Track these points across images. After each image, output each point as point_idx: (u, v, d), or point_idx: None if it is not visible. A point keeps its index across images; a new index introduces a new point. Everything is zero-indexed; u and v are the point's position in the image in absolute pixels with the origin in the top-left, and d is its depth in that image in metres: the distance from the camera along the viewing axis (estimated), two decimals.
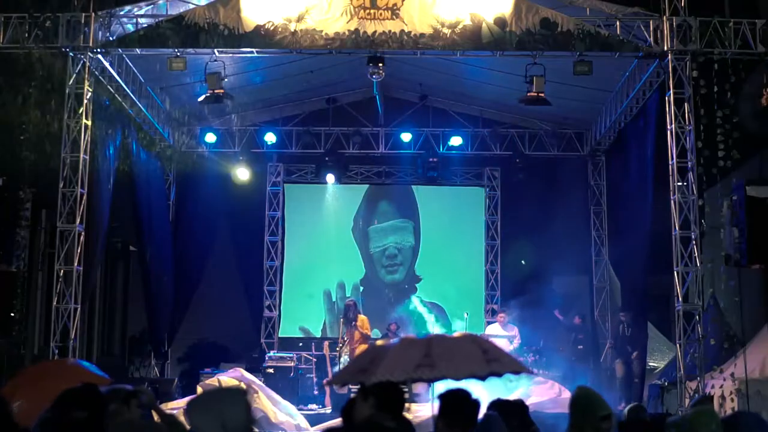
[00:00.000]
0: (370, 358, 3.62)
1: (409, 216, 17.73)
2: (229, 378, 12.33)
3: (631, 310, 14.01)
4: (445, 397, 3.89)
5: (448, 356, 3.53)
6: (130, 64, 13.26)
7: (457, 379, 3.56)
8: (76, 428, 2.80)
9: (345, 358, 13.63)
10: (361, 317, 14.05)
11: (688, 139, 11.74)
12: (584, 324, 15.43)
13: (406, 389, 3.67)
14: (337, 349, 14.06)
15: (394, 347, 3.65)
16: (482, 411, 4.15)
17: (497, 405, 5.25)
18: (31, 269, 13.22)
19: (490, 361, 3.57)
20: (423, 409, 9.05)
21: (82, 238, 11.76)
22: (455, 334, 4.05)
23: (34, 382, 4.37)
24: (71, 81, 11.82)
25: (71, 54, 11.80)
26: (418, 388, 9.51)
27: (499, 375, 3.82)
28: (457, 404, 3.87)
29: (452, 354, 3.55)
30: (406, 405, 3.70)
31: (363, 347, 13.38)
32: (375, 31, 11.79)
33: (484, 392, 4.52)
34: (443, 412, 3.87)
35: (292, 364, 14.35)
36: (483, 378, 3.70)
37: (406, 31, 11.80)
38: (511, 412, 5.18)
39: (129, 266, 16.86)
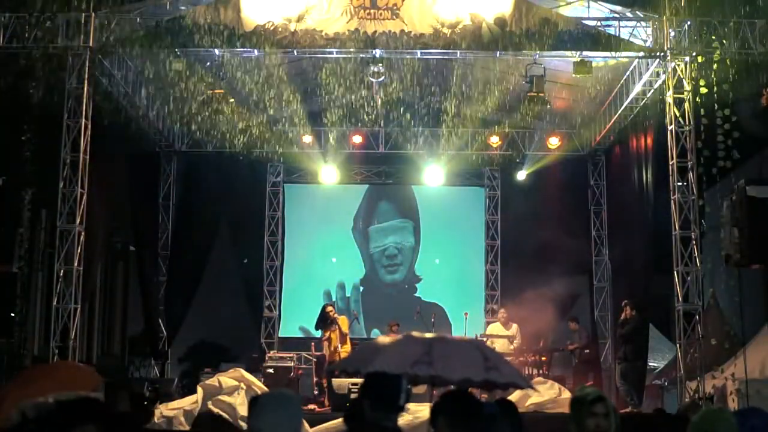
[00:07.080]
0: (373, 350, 3.65)
1: (409, 216, 17.71)
2: (229, 378, 12.31)
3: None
4: (446, 397, 3.88)
5: (447, 357, 3.52)
6: (130, 64, 13.26)
7: (452, 381, 3.56)
8: None
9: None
10: (341, 317, 13.98)
11: (688, 139, 11.73)
12: (579, 326, 15.35)
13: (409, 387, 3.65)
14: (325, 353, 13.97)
15: (396, 342, 3.67)
16: None
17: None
18: (31, 269, 13.20)
19: (489, 369, 3.56)
20: (423, 409, 9.04)
21: (82, 238, 11.76)
22: (461, 338, 4.05)
23: (25, 385, 4.29)
24: (71, 81, 11.82)
25: (71, 54, 11.80)
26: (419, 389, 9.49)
27: (496, 385, 3.80)
28: (458, 404, 3.85)
29: (452, 356, 3.55)
30: (406, 405, 3.67)
31: (346, 348, 13.38)
32: (375, 31, 11.79)
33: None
34: (445, 412, 3.84)
35: (292, 364, 14.31)
36: (479, 385, 3.69)
37: (406, 31, 11.80)
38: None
39: (129, 266, 16.84)
